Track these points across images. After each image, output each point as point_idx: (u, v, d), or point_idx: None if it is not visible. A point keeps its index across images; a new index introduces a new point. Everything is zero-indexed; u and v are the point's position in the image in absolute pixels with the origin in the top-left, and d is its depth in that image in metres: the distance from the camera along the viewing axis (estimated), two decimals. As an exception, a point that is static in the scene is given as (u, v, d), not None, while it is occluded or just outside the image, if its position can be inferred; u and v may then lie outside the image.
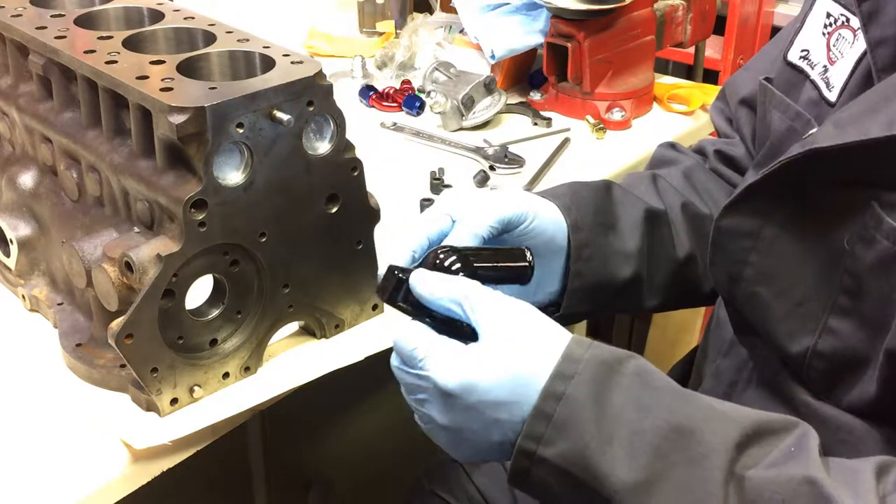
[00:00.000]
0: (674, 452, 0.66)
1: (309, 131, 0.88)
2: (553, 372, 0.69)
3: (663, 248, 0.99)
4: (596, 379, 0.69)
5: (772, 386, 0.86)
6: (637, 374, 0.70)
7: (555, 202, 0.93)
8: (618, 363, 0.70)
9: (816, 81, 0.87)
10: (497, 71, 1.58)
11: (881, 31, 0.79)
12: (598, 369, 0.69)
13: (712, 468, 0.66)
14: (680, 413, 0.68)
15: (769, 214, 0.83)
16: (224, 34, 0.96)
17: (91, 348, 0.94)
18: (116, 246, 0.86)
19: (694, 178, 1.06)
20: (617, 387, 0.69)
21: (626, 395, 0.69)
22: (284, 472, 1.20)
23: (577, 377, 0.69)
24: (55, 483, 0.81)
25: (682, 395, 0.70)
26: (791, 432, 0.68)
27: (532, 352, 0.71)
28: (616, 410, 0.68)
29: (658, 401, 0.69)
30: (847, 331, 0.77)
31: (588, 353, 0.70)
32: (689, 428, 0.67)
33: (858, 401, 0.77)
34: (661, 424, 0.67)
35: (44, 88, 0.98)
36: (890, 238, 0.72)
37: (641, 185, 1.03)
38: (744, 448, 0.67)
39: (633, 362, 0.71)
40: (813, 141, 0.77)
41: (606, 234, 0.95)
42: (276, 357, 0.96)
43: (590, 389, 0.69)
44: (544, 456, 0.69)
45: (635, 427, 0.67)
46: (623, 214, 0.97)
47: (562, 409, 0.68)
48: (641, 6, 1.52)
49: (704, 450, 0.66)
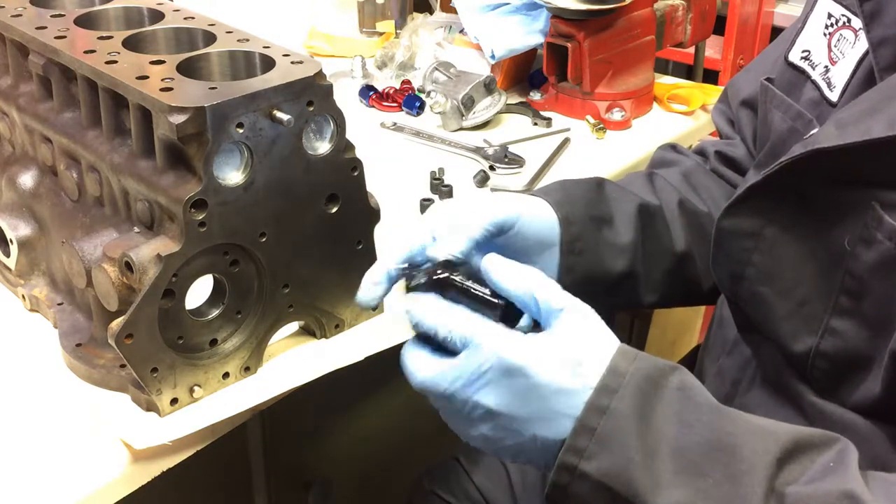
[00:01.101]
0: (715, 469, 0.66)
1: (309, 131, 0.88)
2: (598, 384, 0.69)
3: (659, 242, 0.99)
4: (640, 392, 0.68)
5: (776, 385, 0.86)
6: (680, 388, 0.69)
7: (546, 199, 0.93)
8: (662, 377, 0.69)
9: (817, 81, 0.87)
10: (497, 71, 1.58)
11: (883, 30, 0.79)
12: (642, 383, 0.69)
13: (752, 485, 0.65)
14: (721, 430, 0.68)
15: (770, 215, 0.83)
16: (224, 34, 0.96)
17: (91, 348, 0.94)
18: (116, 246, 0.86)
19: (692, 178, 1.06)
20: (661, 402, 0.68)
21: (670, 409, 0.68)
22: (284, 472, 1.20)
23: (621, 390, 0.68)
24: (55, 483, 0.81)
25: (723, 412, 0.70)
26: (831, 447, 0.68)
27: (592, 344, 0.70)
28: (659, 425, 0.67)
29: (699, 417, 0.68)
30: (849, 331, 0.77)
31: (633, 367, 0.69)
32: (729, 444, 0.67)
33: (863, 400, 0.77)
34: (703, 441, 0.67)
35: (44, 88, 0.98)
36: (891, 238, 0.72)
37: (637, 182, 1.04)
38: (784, 464, 0.66)
39: (676, 376, 0.70)
40: (815, 141, 0.77)
41: (599, 228, 0.95)
42: (276, 357, 0.96)
43: (634, 403, 0.68)
44: (586, 471, 0.68)
45: (678, 443, 0.67)
46: (616, 208, 0.97)
47: (606, 423, 0.67)
48: (641, 6, 1.52)
49: (745, 466, 0.66)
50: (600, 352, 0.70)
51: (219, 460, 1.02)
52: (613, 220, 0.96)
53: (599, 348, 0.71)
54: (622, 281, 0.96)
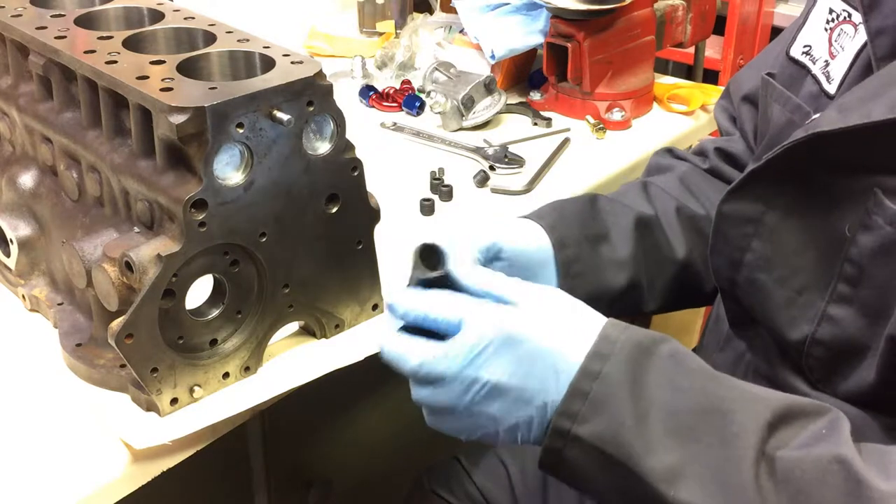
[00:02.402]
0: (706, 433, 0.67)
1: (309, 131, 0.88)
2: (590, 351, 0.70)
3: (659, 252, 0.99)
4: (632, 359, 0.69)
5: (769, 377, 0.87)
6: (672, 355, 0.70)
7: (539, 222, 0.93)
8: (653, 344, 0.70)
9: (817, 76, 0.87)
10: (497, 71, 1.58)
11: (881, 20, 0.79)
12: (634, 350, 0.70)
13: (744, 447, 0.66)
14: (713, 394, 0.69)
15: (771, 200, 0.83)
16: (224, 34, 0.96)
17: (91, 348, 0.94)
18: (116, 246, 0.86)
19: (689, 182, 1.06)
20: (653, 367, 0.69)
21: (662, 375, 0.69)
22: (284, 472, 1.20)
23: (613, 357, 0.69)
24: (55, 483, 0.81)
25: (715, 377, 0.71)
26: (823, 416, 0.68)
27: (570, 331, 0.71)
28: (651, 390, 0.68)
29: (692, 382, 0.69)
30: (846, 318, 0.77)
31: (624, 335, 0.71)
32: (721, 409, 0.68)
33: (856, 389, 0.78)
34: (695, 405, 0.68)
35: (44, 88, 0.98)
36: (892, 223, 0.73)
37: (630, 193, 1.04)
38: (775, 429, 0.67)
39: (667, 344, 0.71)
40: (816, 125, 0.77)
41: (596, 246, 0.95)
42: (276, 357, 0.96)
43: (626, 368, 0.69)
44: (579, 434, 0.69)
45: (670, 407, 0.68)
46: (612, 223, 0.97)
47: (598, 388, 0.68)
48: (641, 6, 1.52)
49: (736, 429, 0.67)
50: (590, 320, 0.72)
51: (219, 460, 1.02)
52: (610, 236, 0.97)
53: (588, 317, 0.73)
54: (625, 293, 0.97)
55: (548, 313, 0.73)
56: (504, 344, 0.70)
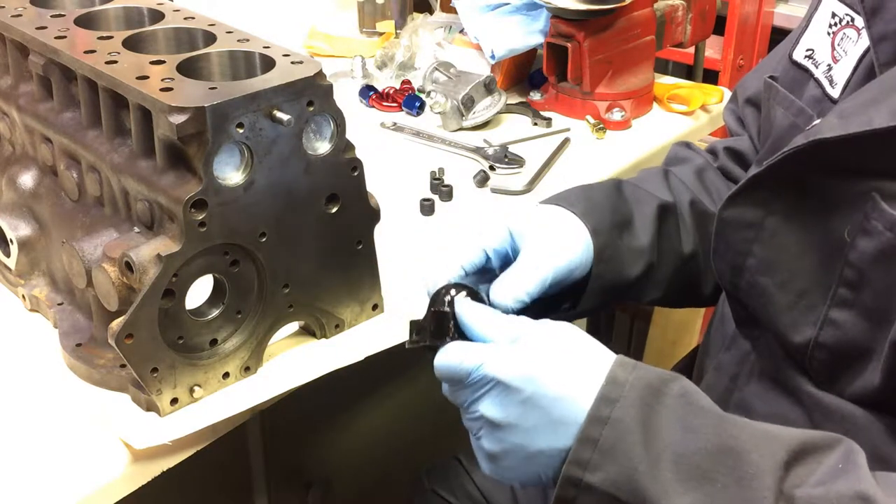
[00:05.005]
0: (722, 474, 0.66)
1: (309, 131, 0.88)
2: (598, 395, 0.69)
3: (670, 242, 0.99)
4: (641, 401, 0.68)
5: (774, 378, 0.87)
6: (682, 395, 0.69)
7: (571, 210, 0.93)
8: (663, 385, 0.69)
9: (820, 79, 0.87)
10: (497, 71, 1.58)
11: (884, 26, 0.79)
12: (643, 392, 0.69)
13: (762, 489, 0.65)
14: (725, 434, 0.68)
15: (772, 205, 0.83)
16: (224, 34, 0.96)
17: (91, 348, 0.94)
18: (116, 246, 0.86)
19: (705, 177, 1.06)
20: (663, 409, 0.68)
21: (673, 416, 0.68)
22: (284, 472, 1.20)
23: (622, 400, 0.68)
24: (55, 483, 0.81)
25: (727, 417, 0.70)
26: (836, 448, 0.68)
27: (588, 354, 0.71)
28: (663, 433, 0.67)
29: (704, 422, 0.68)
30: (848, 322, 0.77)
31: (633, 376, 0.69)
32: (735, 448, 0.67)
33: (861, 391, 0.78)
34: (708, 446, 0.67)
35: (44, 88, 0.98)
36: (891, 229, 0.72)
37: (653, 180, 1.04)
38: (791, 466, 0.66)
39: (677, 384, 0.70)
40: (817, 132, 0.77)
41: (622, 234, 0.95)
42: (276, 357, 0.96)
43: (636, 412, 0.68)
44: (591, 482, 0.68)
45: (683, 449, 0.67)
46: (636, 212, 0.97)
47: (608, 433, 0.67)
48: (641, 6, 1.52)
49: (752, 470, 0.66)
50: (597, 361, 0.71)
51: (219, 460, 1.02)
52: (633, 224, 0.97)
53: (595, 357, 0.72)
54: (638, 281, 0.97)
55: (555, 355, 0.72)
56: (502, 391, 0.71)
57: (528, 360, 0.71)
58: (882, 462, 0.77)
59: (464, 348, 0.74)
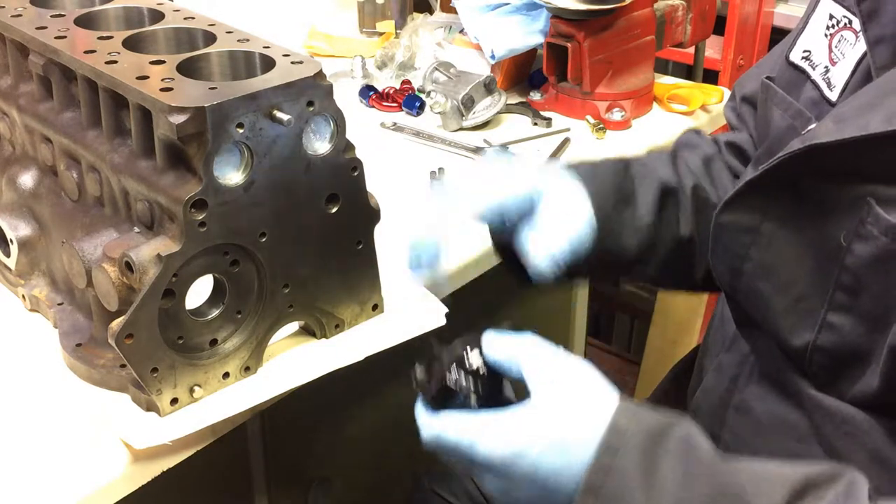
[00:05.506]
0: None
1: (309, 131, 0.88)
2: (599, 444, 0.69)
3: (669, 225, 0.99)
4: (643, 449, 0.68)
5: (774, 379, 0.87)
6: (683, 440, 0.70)
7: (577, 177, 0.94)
8: (664, 431, 0.70)
9: (817, 81, 0.87)
10: (497, 71, 1.58)
11: (880, 29, 0.79)
12: (644, 439, 0.69)
13: None
14: (726, 476, 0.68)
15: (768, 210, 0.83)
16: (224, 34, 0.96)
17: (91, 348, 0.94)
18: (116, 246, 0.86)
19: (711, 166, 1.06)
20: (665, 455, 0.68)
21: (675, 462, 0.68)
22: (284, 472, 1.20)
23: (623, 449, 0.68)
24: (55, 483, 0.81)
25: (728, 460, 0.70)
26: (837, 482, 0.68)
27: (579, 420, 0.71)
28: (664, 480, 0.67)
29: (704, 468, 0.68)
30: (846, 326, 0.77)
31: (634, 423, 0.70)
32: (735, 492, 0.67)
33: (861, 394, 0.78)
34: (710, 490, 0.67)
35: (44, 88, 0.98)
36: (886, 234, 0.72)
37: (661, 161, 1.04)
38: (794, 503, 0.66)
39: (678, 429, 0.70)
40: (813, 136, 0.77)
41: (623, 210, 0.96)
42: (276, 357, 0.96)
43: (638, 459, 0.68)
44: None
45: (684, 494, 0.67)
46: (640, 190, 0.98)
47: (610, 482, 0.68)
48: (641, 6, 1.52)
49: None
50: (596, 416, 0.71)
51: (219, 460, 1.02)
52: (636, 202, 0.97)
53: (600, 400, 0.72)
54: (637, 258, 0.97)
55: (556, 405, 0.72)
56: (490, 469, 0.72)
57: (522, 435, 0.71)
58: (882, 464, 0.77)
59: (458, 427, 0.74)
